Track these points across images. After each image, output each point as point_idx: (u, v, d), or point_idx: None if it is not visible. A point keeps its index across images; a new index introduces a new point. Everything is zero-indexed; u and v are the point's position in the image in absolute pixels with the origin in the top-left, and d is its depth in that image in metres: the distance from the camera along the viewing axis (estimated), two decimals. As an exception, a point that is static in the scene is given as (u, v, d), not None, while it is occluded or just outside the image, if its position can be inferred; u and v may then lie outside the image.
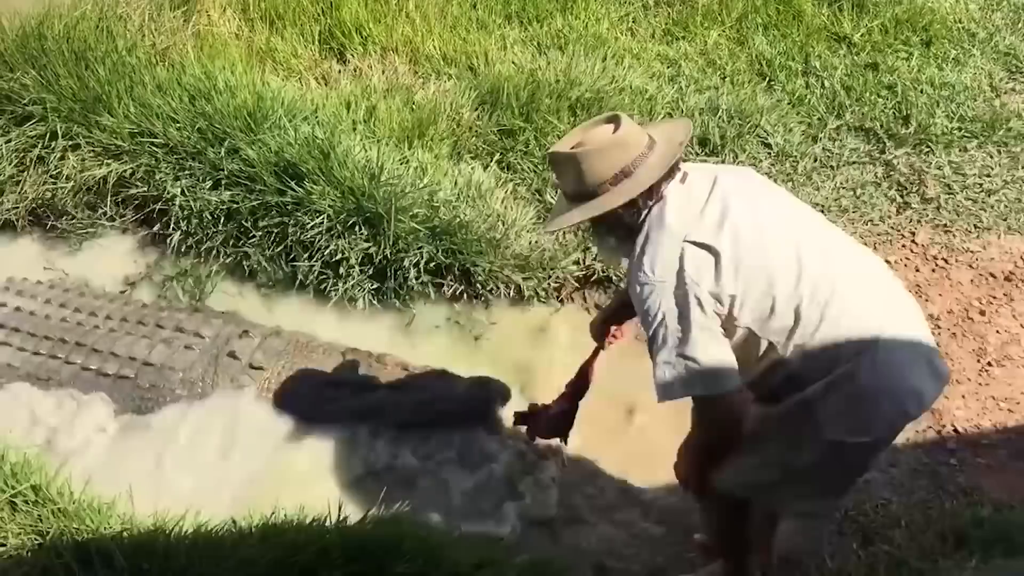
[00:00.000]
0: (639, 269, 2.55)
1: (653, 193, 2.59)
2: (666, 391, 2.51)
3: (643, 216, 2.61)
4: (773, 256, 2.51)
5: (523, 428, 3.52)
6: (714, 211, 2.56)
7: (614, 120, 2.67)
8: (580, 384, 3.35)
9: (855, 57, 5.62)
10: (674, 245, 2.51)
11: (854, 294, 2.52)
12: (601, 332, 3.30)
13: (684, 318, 2.47)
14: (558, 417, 3.39)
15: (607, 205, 2.59)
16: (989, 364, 4.12)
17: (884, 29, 5.76)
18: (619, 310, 3.25)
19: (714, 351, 2.47)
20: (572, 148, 2.62)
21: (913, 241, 4.61)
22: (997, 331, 4.23)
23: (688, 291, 2.47)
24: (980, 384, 4.06)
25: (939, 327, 4.22)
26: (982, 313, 4.31)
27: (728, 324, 2.50)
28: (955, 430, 3.89)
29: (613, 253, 2.79)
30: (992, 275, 4.47)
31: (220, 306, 4.59)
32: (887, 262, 4.23)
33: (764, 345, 2.52)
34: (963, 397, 4.01)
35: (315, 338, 4.26)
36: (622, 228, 2.66)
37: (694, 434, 2.79)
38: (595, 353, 3.33)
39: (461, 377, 4.00)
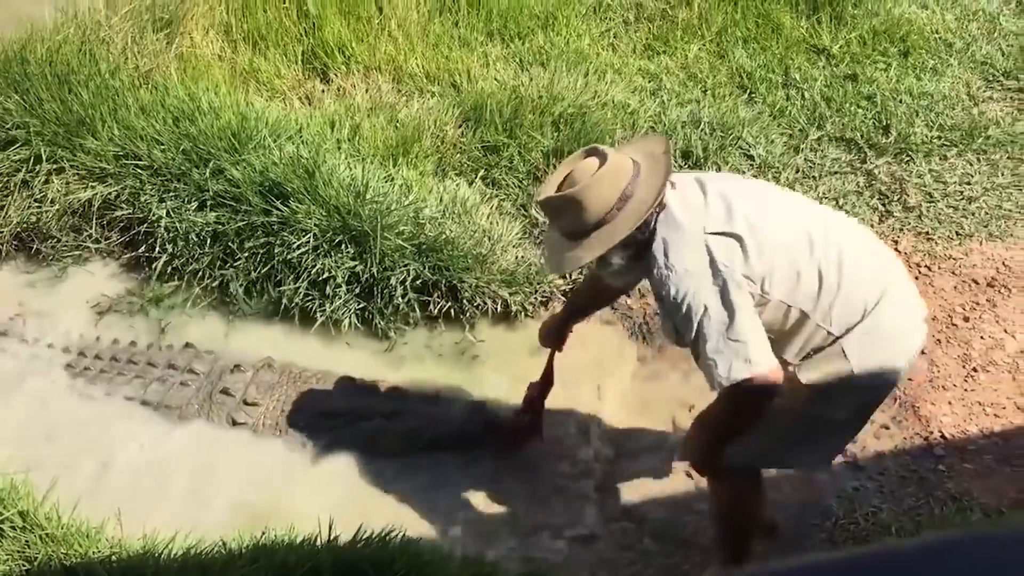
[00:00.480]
0: (669, 274, 2.68)
1: (659, 205, 2.71)
2: (721, 378, 2.63)
3: (651, 229, 2.73)
4: (785, 232, 2.72)
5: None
6: (718, 204, 2.73)
7: (593, 152, 2.78)
8: (545, 385, 3.73)
9: (834, 68, 5.68)
10: (696, 241, 2.68)
11: (859, 255, 2.77)
12: (559, 337, 3.63)
13: (727, 304, 2.63)
14: (533, 421, 3.80)
15: (624, 229, 2.69)
16: (974, 370, 4.15)
17: (862, 40, 5.82)
18: (571, 318, 3.60)
19: (758, 331, 2.65)
20: (568, 189, 2.71)
21: (896, 249, 4.65)
22: (981, 337, 4.27)
23: (725, 277, 2.63)
24: (966, 390, 4.09)
25: (924, 334, 4.25)
26: (966, 319, 4.35)
27: (760, 302, 2.69)
28: (942, 436, 3.92)
29: (620, 274, 2.90)
30: (975, 281, 4.52)
31: (204, 330, 4.57)
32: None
33: (794, 316, 2.72)
34: (949, 403, 4.04)
35: (307, 368, 4.27)
36: (633, 247, 2.76)
37: (716, 413, 2.89)
38: (552, 356, 3.71)
39: (456, 401, 4.05)
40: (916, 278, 4.51)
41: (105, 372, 4.27)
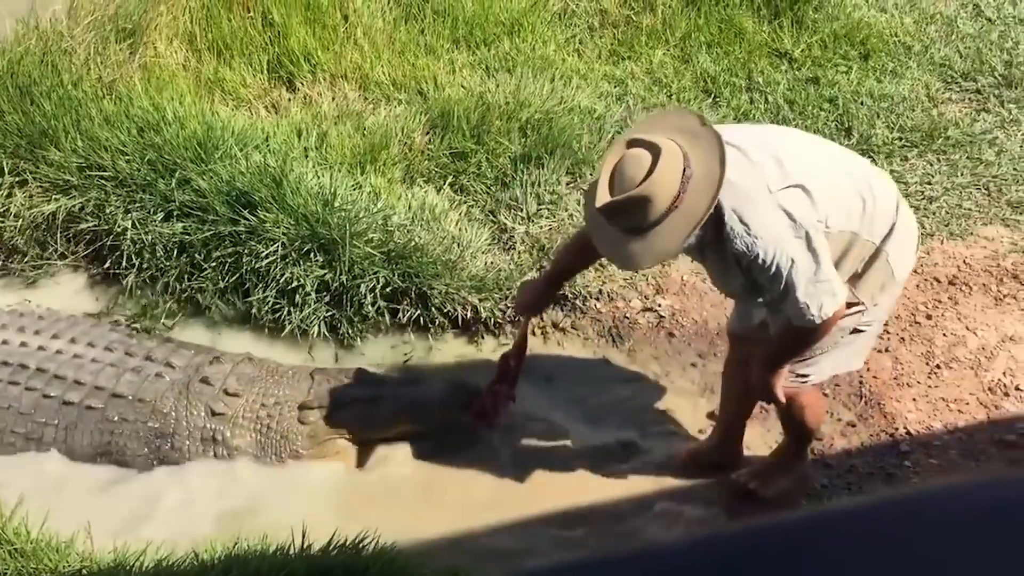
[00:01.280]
0: (754, 240, 2.81)
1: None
2: (814, 317, 2.87)
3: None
4: (827, 168, 3.00)
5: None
6: (766, 160, 2.88)
7: (637, 143, 2.79)
8: (519, 354, 3.81)
9: (796, 72, 5.76)
10: (767, 202, 2.83)
11: (870, 169, 3.17)
12: (540, 304, 3.72)
13: (812, 251, 2.83)
14: (508, 389, 3.85)
15: (699, 211, 2.76)
16: (938, 367, 4.22)
17: (823, 44, 5.91)
18: (554, 283, 3.65)
19: (833, 266, 2.90)
20: (633, 189, 2.72)
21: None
22: (944, 334, 4.34)
23: (806, 228, 2.83)
24: (930, 386, 4.16)
25: (888, 332, 4.32)
26: (928, 317, 4.42)
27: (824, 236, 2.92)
28: (907, 432, 3.98)
29: (691, 249, 2.99)
30: (936, 280, 4.59)
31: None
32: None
33: (848, 238, 2.98)
34: (914, 400, 4.10)
35: (282, 363, 4.25)
36: (706, 224, 2.82)
37: (790, 347, 3.12)
38: (526, 324, 3.82)
39: (435, 380, 4.10)
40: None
41: (79, 358, 4.08)
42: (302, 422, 4.00)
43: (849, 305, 3.01)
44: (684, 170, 2.74)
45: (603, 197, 2.78)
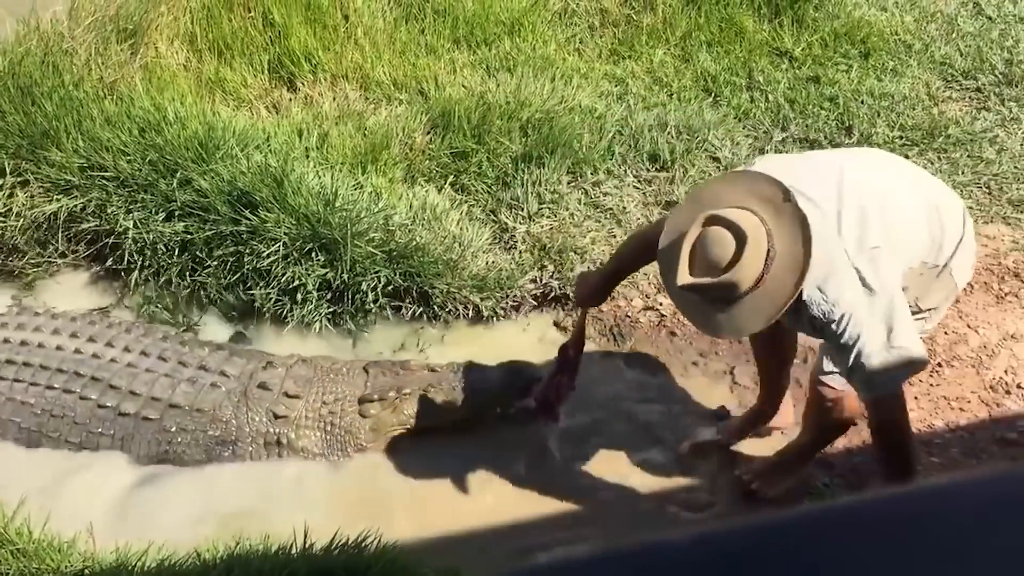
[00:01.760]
0: (831, 309, 2.84)
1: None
2: (886, 392, 2.92)
3: None
4: (908, 216, 2.98)
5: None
6: (848, 221, 2.86)
7: (717, 221, 2.74)
8: (578, 345, 3.83)
9: (797, 71, 5.76)
10: (845, 270, 2.84)
11: (943, 199, 3.13)
12: (601, 296, 3.71)
13: (887, 317, 2.83)
14: (569, 380, 3.86)
15: (784, 294, 2.74)
16: (939, 365, 4.22)
17: (824, 43, 5.91)
18: (616, 277, 3.69)
19: (911, 323, 2.90)
20: (721, 275, 2.72)
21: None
22: (945, 332, 4.34)
23: (879, 293, 2.84)
24: (931, 385, 4.16)
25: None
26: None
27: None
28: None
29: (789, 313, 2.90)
30: (938, 278, 4.59)
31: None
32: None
33: (922, 270, 3.03)
34: (916, 398, 4.10)
35: (334, 359, 4.27)
36: None
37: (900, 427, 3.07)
38: (584, 315, 3.86)
39: (491, 366, 4.12)
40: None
41: (133, 367, 4.06)
42: (363, 416, 4.03)
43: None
44: (768, 251, 2.72)
45: (684, 276, 2.76)
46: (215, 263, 4.56)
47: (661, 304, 4.55)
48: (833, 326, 2.86)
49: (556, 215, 4.87)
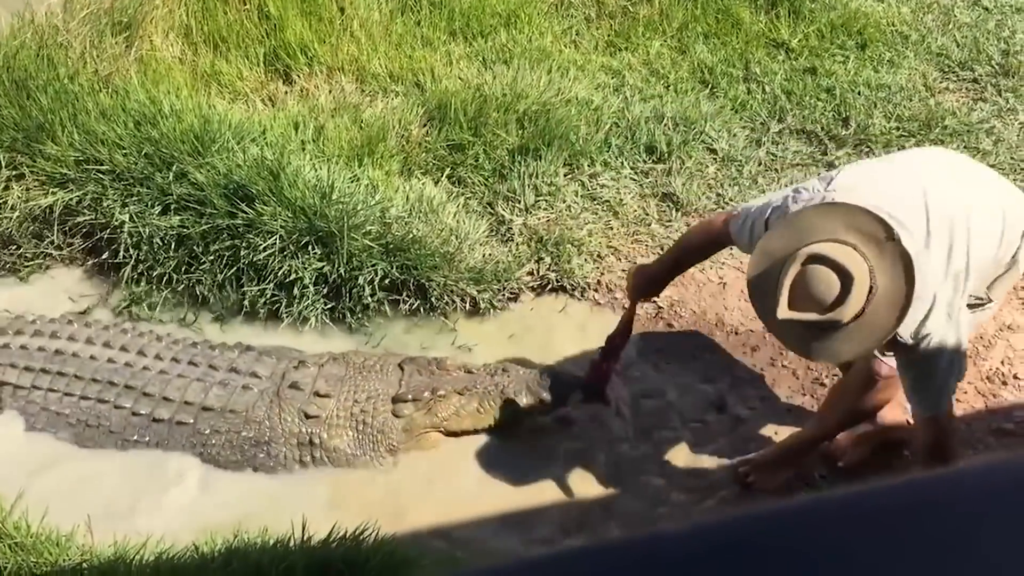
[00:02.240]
0: (916, 330, 2.94)
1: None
2: (941, 410, 3.14)
3: None
4: (989, 230, 3.07)
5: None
6: (935, 248, 2.93)
7: (822, 261, 2.75)
8: (625, 334, 3.95)
9: (793, 62, 5.75)
10: (929, 302, 2.91)
11: (1013, 201, 3.22)
12: (657, 288, 3.83)
13: (960, 339, 3.02)
14: (615, 368, 4.00)
15: (886, 325, 2.79)
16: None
17: (820, 34, 5.90)
18: (675, 270, 3.79)
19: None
20: (825, 313, 2.75)
21: (857, 239, 4.72)
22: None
23: (958, 320, 3.00)
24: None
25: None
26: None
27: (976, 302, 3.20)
28: (906, 422, 3.97)
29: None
30: (934, 269, 4.59)
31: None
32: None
33: (988, 277, 3.20)
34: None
35: (367, 355, 4.24)
36: None
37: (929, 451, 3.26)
38: (634, 307, 3.93)
39: (527, 370, 4.10)
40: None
41: (165, 374, 4.07)
42: (396, 415, 3.99)
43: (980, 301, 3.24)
44: (871, 288, 2.75)
45: (784, 311, 2.78)
46: (211, 257, 4.55)
47: (658, 297, 4.54)
48: (917, 347, 2.98)
49: (553, 207, 4.86)
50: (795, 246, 2.80)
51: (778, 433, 4.01)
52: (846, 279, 2.72)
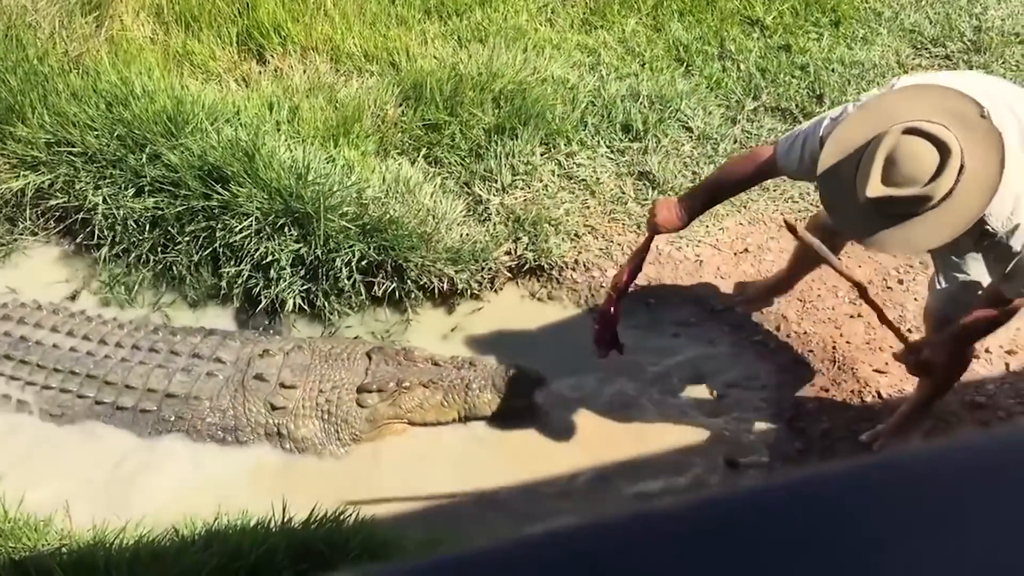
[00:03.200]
0: (1011, 231, 2.80)
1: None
2: None
3: None
4: None
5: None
6: (1008, 127, 2.77)
7: (919, 133, 2.68)
8: (635, 271, 3.74)
9: (768, 40, 5.76)
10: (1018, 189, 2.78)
11: None
12: (686, 220, 3.56)
13: None
14: (618, 306, 3.79)
15: (974, 207, 2.69)
16: (909, 330, 4.25)
17: (794, 11, 5.91)
18: (710, 203, 3.61)
19: None
20: (916, 187, 2.67)
21: (832, 216, 4.75)
22: (915, 299, 4.39)
23: None
24: (901, 350, 4.20)
25: (860, 297, 4.36)
26: (900, 282, 4.47)
27: None
28: (879, 396, 4.04)
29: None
30: (908, 245, 4.63)
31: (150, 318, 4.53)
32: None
33: None
34: (886, 364, 4.15)
35: (335, 343, 4.22)
36: None
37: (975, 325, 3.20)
38: (650, 240, 3.72)
39: (494, 364, 4.09)
40: (852, 243, 4.63)
41: (127, 361, 4.07)
42: (361, 405, 3.98)
43: None
44: (961, 167, 2.66)
45: (877, 188, 2.69)
46: (187, 239, 4.52)
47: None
48: (1009, 238, 2.82)
49: (530, 186, 4.86)
50: (883, 128, 2.72)
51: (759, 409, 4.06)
52: (944, 151, 2.65)
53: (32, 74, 4.88)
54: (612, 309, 3.79)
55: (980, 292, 3.24)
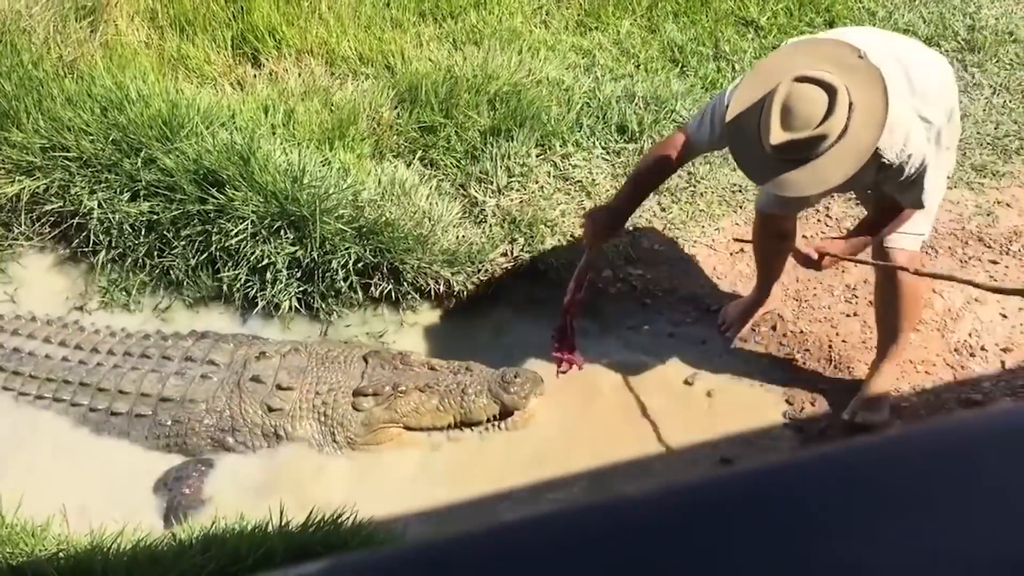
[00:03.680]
0: (905, 156, 3.06)
1: None
2: (934, 202, 3.37)
3: None
4: (928, 64, 3.31)
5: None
6: (896, 76, 3.08)
7: (807, 80, 2.91)
8: (583, 280, 3.80)
9: (763, 40, 5.77)
10: (913, 117, 3.12)
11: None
12: (618, 224, 3.70)
13: (933, 156, 3.20)
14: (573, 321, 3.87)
15: (867, 140, 2.93)
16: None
17: (788, 12, 5.92)
18: (635, 203, 3.75)
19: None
20: (814, 128, 2.89)
21: (828, 215, 4.76)
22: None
23: (936, 128, 3.24)
24: (897, 349, 4.21)
25: (856, 296, 4.38)
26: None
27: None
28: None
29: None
30: (903, 244, 4.64)
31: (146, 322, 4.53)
32: (803, 237, 4.38)
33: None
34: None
35: (331, 345, 4.23)
36: None
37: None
38: (594, 253, 3.82)
39: (490, 370, 4.07)
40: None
41: (119, 368, 4.09)
42: (356, 409, 3.98)
43: None
44: (850, 104, 2.89)
45: (778, 135, 2.91)
46: (182, 243, 4.52)
47: (631, 275, 4.57)
48: (905, 168, 3.08)
49: (525, 188, 4.86)
50: (776, 82, 2.95)
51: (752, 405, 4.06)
52: (831, 92, 2.87)
53: (27, 79, 4.87)
54: (567, 327, 3.85)
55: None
